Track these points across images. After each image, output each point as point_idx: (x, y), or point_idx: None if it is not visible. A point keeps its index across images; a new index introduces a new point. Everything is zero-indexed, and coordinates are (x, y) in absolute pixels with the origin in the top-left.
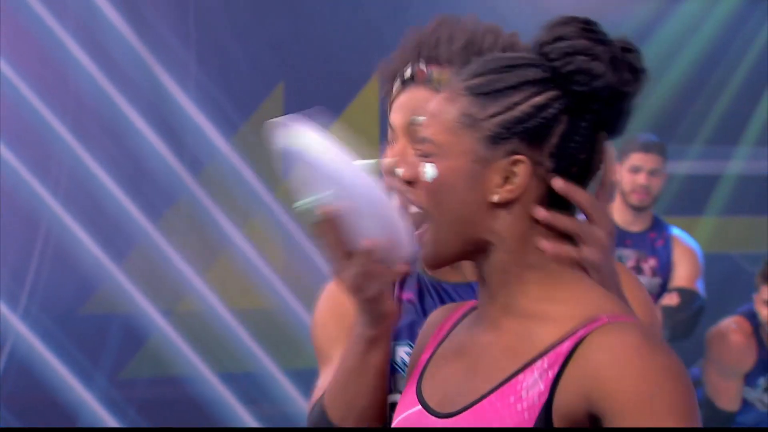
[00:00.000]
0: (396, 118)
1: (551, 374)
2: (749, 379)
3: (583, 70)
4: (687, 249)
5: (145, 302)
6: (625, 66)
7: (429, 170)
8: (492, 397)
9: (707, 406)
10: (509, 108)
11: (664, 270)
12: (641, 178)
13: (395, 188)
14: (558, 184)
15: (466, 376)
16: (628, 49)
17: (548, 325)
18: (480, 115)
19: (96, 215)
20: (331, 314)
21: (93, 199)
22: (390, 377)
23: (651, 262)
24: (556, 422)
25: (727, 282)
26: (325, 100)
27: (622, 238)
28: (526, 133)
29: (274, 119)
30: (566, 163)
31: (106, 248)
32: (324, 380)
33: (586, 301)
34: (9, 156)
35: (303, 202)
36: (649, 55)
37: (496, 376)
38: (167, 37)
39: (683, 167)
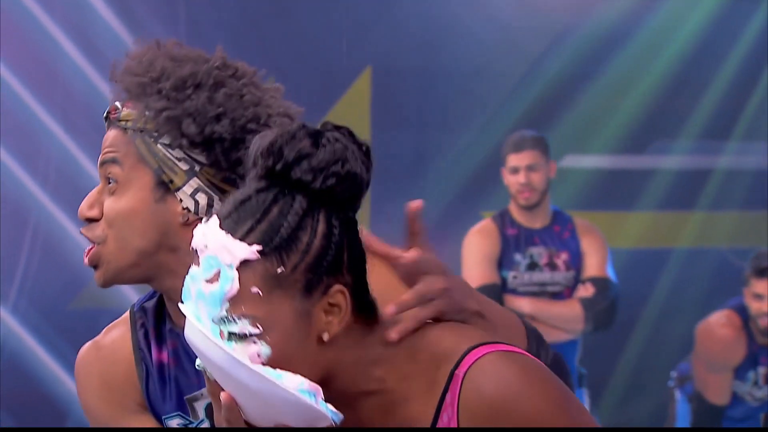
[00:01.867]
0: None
1: None
2: (739, 372)
3: (342, 179)
4: (593, 236)
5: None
6: (360, 152)
7: (264, 350)
8: None
9: (697, 400)
10: (306, 251)
11: (576, 261)
12: (520, 177)
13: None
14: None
15: None
16: (350, 133)
17: (412, 404)
18: (285, 272)
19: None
20: (97, 395)
21: (82, 195)
22: None
23: (563, 256)
24: None
25: (716, 277)
26: (315, 96)
27: (529, 236)
28: (330, 266)
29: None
30: (361, 265)
31: None
32: None
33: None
34: None
35: (199, 363)
36: (636, 49)
37: None
38: (158, 34)
39: (672, 162)
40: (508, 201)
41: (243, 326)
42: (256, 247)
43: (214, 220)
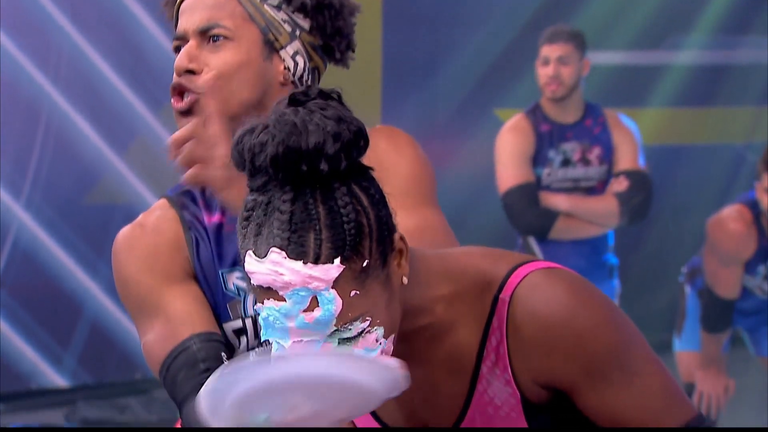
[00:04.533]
0: (185, 21)
1: (507, 375)
2: (749, 267)
3: (354, 145)
4: (624, 129)
5: (147, 192)
6: (339, 103)
7: (379, 332)
8: (469, 416)
9: (707, 294)
10: (371, 230)
11: (608, 155)
12: (550, 69)
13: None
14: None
15: (422, 409)
16: (319, 93)
17: (460, 330)
18: (369, 261)
19: (97, 106)
20: (140, 264)
21: (94, 90)
22: (225, 305)
23: (596, 151)
24: (536, 401)
25: (732, 173)
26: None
27: (561, 132)
28: (389, 225)
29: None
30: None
31: (108, 139)
32: (163, 332)
33: (465, 281)
34: (9, 45)
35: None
36: None
37: (454, 401)
38: None
39: (688, 57)
40: (520, 98)
41: (356, 328)
42: (337, 262)
43: (276, 254)
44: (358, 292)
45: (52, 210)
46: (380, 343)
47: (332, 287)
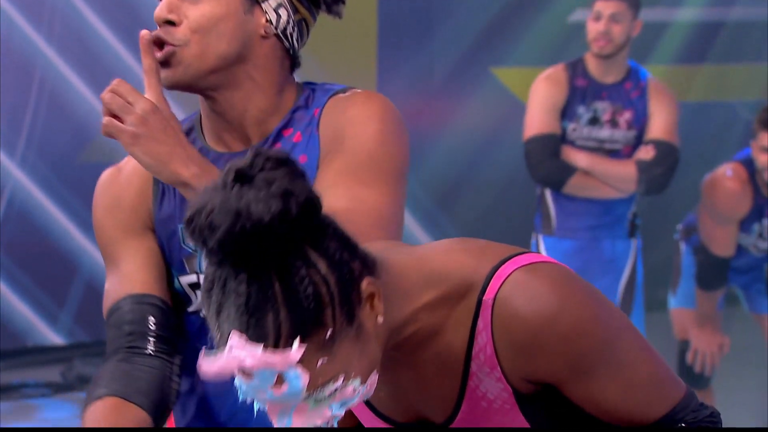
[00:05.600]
0: None
1: (497, 373)
2: (744, 225)
3: (307, 208)
4: (664, 98)
5: None
6: (283, 164)
7: (355, 384)
8: (464, 410)
9: (702, 252)
10: (331, 296)
11: (640, 122)
12: (600, 25)
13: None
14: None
15: (418, 403)
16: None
17: (446, 332)
18: (333, 328)
19: (91, 63)
20: (106, 212)
21: (88, 48)
22: (181, 259)
23: (627, 115)
24: (529, 393)
25: (725, 130)
26: None
27: (597, 90)
28: (351, 280)
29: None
30: (348, 239)
31: None
32: (111, 287)
33: (449, 285)
34: (2, 3)
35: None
36: None
37: (447, 397)
38: None
39: (683, 15)
40: (518, 57)
41: (329, 389)
42: (298, 341)
43: (236, 339)
44: (326, 359)
45: (46, 168)
46: (358, 392)
47: (297, 364)
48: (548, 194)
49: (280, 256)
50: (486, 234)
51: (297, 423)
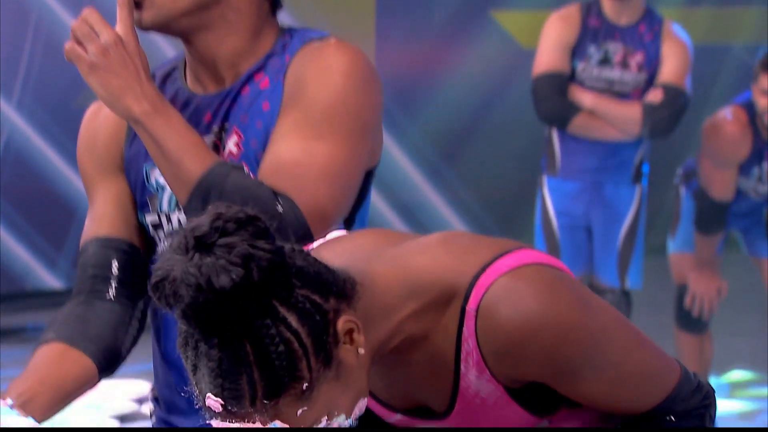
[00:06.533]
0: None
1: (486, 375)
2: (744, 168)
3: (272, 268)
4: (677, 42)
5: None
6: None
7: (340, 419)
8: (459, 406)
9: (701, 196)
10: (304, 348)
11: (651, 65)
12: None
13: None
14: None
15: (416, 395)
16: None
17: (434, 337)
18: (309, 379)
19: (87, 4)
20: (84, 149)
21: None
22: (146, 198)
23: (638, 57)
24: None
25: (725, 74)
26: None
27: (610, 31)
28: (323, 327)
29: None
30: (321, 279)
31: None
32: (85, 227)
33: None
34: None
35: None
36: None
37: (441, 395)
38: None
39: None
40: (519, 1)
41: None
42: (273, 402)
43: (213, 401)
44: (306, 408)
45: (44, 112)
46: (345, 424)
47: (276, 419)
48: (555, 135)
49: (248, 319)
50: (491, 186)
51: None
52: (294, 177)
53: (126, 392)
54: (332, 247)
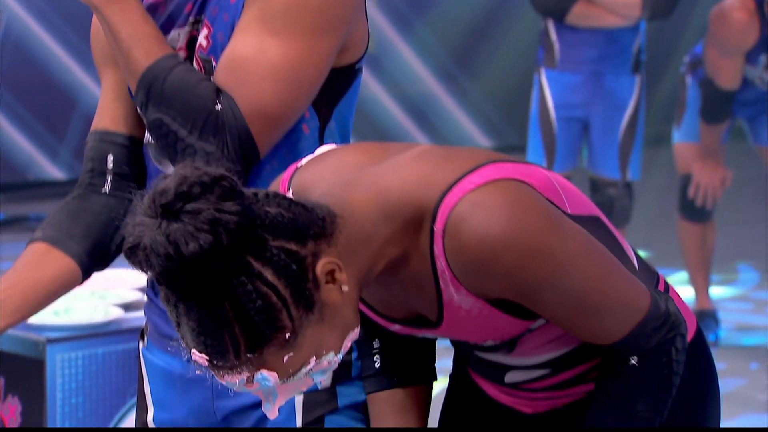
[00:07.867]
0: None
1: (463, 291)
2: (750, 56)
3: (243, 229)
4: None
5: None
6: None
7: (330, 356)
8: (447, 318)
9: (707, 85)
10: (283, 299)
11: None
12: None
13: None
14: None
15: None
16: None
17: (412, 259)
18: (292, 327)
19: None
20: (93, 38)
21: None
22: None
23: None
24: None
25: None
26: None
27: None
28: (301, 274)
29: None
30: (296, 224)
31: None
32: (95, 116)
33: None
34: None
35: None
36: None
37: (430, 307)
38: None
39: None
40: None
41: (303, 371)
42: (257, 353)
43: (198, 356)
44: (291, 354)
45: None
46: (335, 360)
47: (262, 368)
48: (551, 27)
49: (223, 280)
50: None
51: (282, 399)
52: (240, 74)
53: (130, 281)
54: (319, 165)
